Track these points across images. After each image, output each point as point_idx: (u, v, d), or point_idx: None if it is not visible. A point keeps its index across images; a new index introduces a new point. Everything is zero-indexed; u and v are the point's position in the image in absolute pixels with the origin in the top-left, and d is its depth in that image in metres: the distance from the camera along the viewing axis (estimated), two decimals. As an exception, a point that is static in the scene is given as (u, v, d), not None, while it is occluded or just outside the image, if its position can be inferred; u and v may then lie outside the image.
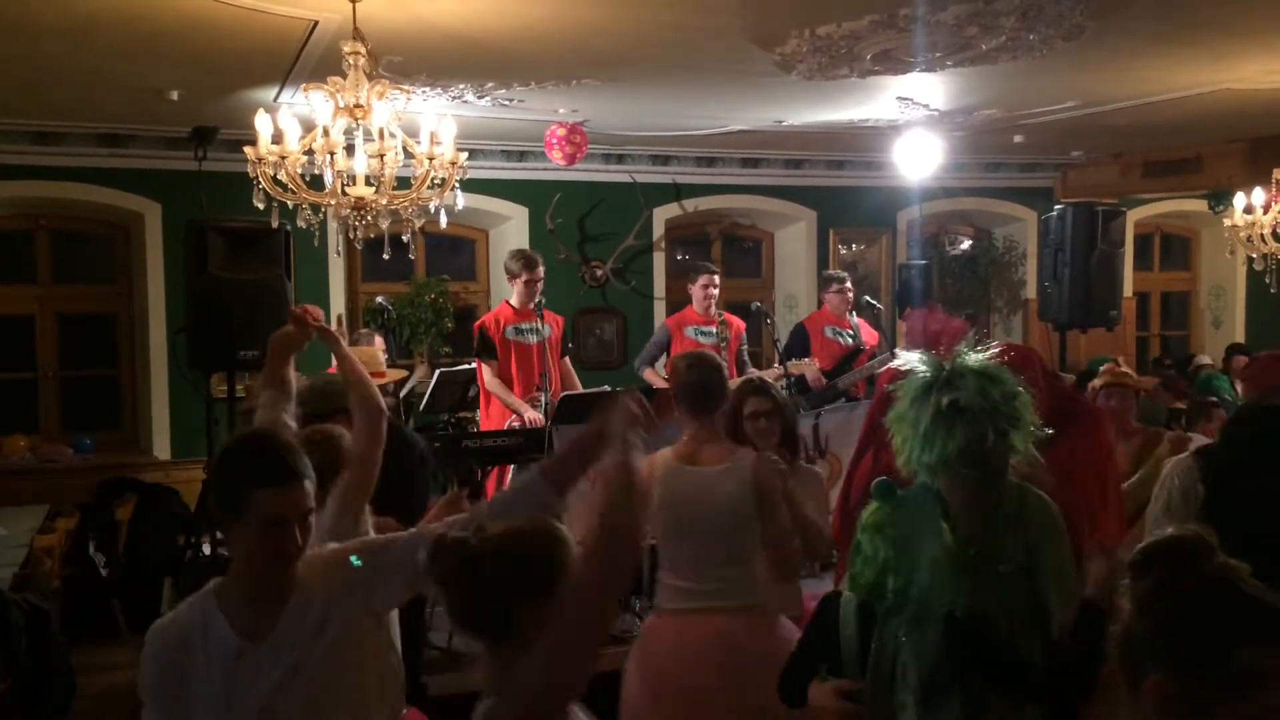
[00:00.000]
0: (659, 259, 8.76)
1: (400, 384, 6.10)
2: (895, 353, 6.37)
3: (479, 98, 6.13)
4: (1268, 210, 7.11)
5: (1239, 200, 7.19)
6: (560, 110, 6.76)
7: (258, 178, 4.14)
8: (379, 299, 7.15)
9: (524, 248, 6.96)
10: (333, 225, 4.45)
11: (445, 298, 7.98)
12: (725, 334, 6.74)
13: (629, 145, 8.22)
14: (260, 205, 4.21)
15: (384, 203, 4.22)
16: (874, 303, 7.69)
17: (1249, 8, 4.75)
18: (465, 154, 4.37)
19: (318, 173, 4.14)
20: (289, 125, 4.10)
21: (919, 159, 7.60)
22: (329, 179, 4.12)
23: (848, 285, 7.21)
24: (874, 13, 4.65)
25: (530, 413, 6.02)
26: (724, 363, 3.58)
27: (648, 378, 6.77)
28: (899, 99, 6.50)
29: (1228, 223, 7.30)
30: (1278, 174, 7.12)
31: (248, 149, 4.16)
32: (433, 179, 4.27)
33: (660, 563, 3.43)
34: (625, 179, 8.47)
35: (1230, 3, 4.65)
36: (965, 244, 10.08)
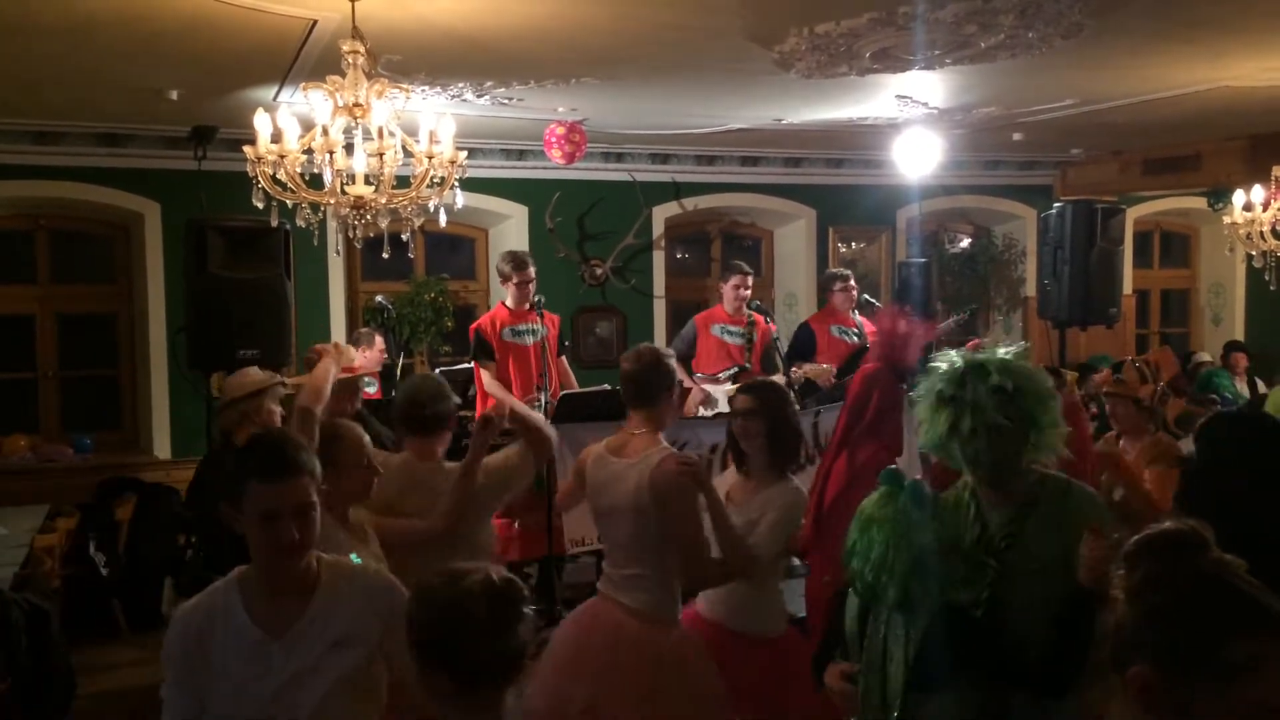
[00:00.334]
0: (658, 257, 8.76)
1: (397, 383, 6.10)
2: None
3: (478, 96, 6.13)
4: (1267, 207, 7.10)
5: (1238, 198, 7.17)
6: (559, 109, 6.76)
7: (257, 177, 4.14)
8: (378, 298, 7.16)
9: (515, 249, 6.94)
10: (332, 224, 4.45)
11: (445, 297, 7.98)
12: (752, 335, 6.73)
13: (628, 144, 8.22)
14: (260, 205, 4.21)
15: (383, 202, 4.22)
16: (874, 301, 7.69)
17: (1247, 6, 4.75)
18: (464, 153, 4.36)
19: (317, 172, 4.14)
20: (288, 124, 4.10)
21: (918, 157, 7.60)
22: (328, 178, 4.11)
23: (852, 283, 7.20)
24: (873, 10, 4.65)
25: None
26: (668, 355, 3.47)
27: None
28: (898, 97, 6.50)
29: (1227, 220, 7.29)
30: (1277, 171, 7.10)
31: (247, 148, 4.15)
32: (432, 178, 4.26)
33: None
34: (624, 178, 8.47)
35: (1228, 1, 4.65)
36: (965, 242, 10.08)
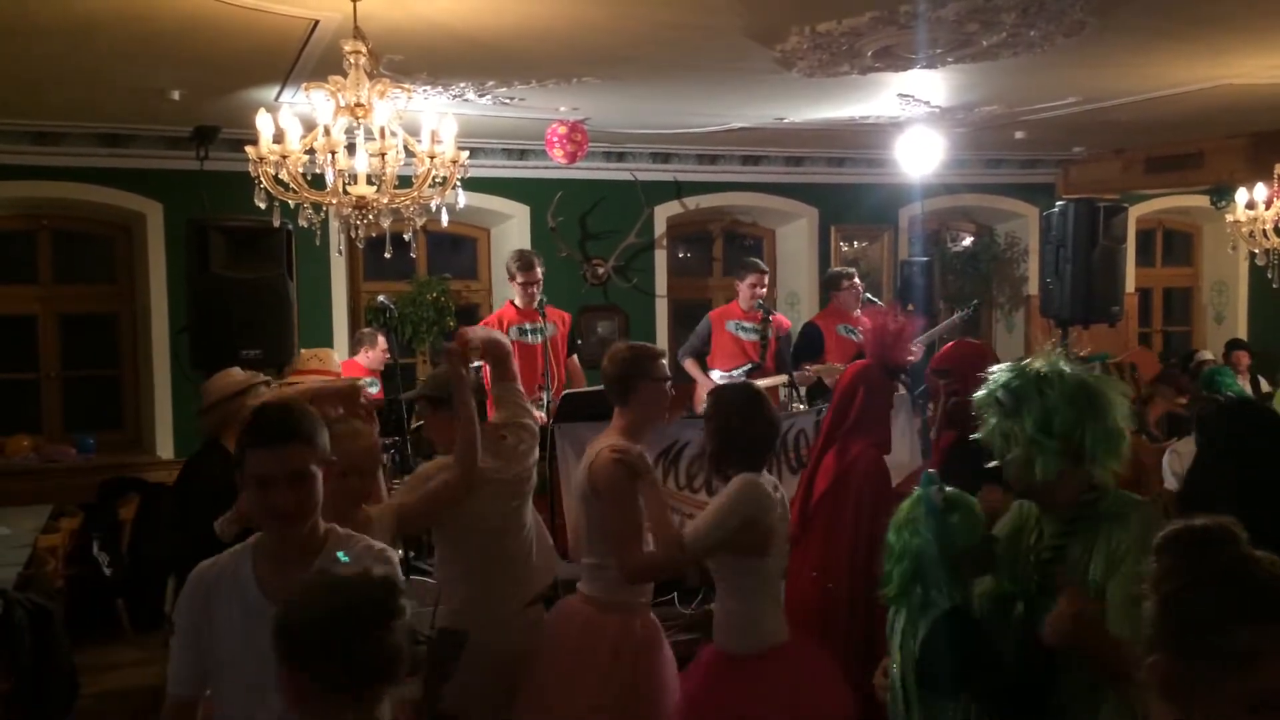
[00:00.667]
0: (660, 257, 8.75)
1: (400, 383, 6.10)
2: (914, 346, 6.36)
3: (480, 96, 6.13)
4: (1270, 205, 7.10)
5: (1241, 195, 7.17)
6: (561, 108, 6.76)
7: (259, 177, 4.14)
8: (381, 298, 7.15)
9: (523, 249, 6.95)
10: (334, 224, 4.45)
11: (447, 296, 7.98)
12: (767, 331, 6.72)
13: (630, 143, 8.22)
14: (262, 205, 4.21)
15: (385, 201, 4.22)
16: (876, 300, 7.69)
17: (1250, 3, 4.74)
18: (466, 152, 4.36)
19: (319, 172, 4.14)
20: (290, 124, 4.10)
21: (920, 156, 7.59)
22: (330, 178, 4.12)
23: (857, 281, 7.20)
24: (874, 9, 4.64)
25: (531, 413, 6.03)
26: (646, 353, 3.49)
27: (688, 369, 6.76)
28: (900, 96, 6.49)
29: (1230, 218, 7.29)
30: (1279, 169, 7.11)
31: (249, 148, 4.16)
32: (434, 177, 4.26)
33: None
34: (626, 177, 8.47)
35: (1231, -2, 4.65)
36: (967, 240, 10.08)
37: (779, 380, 6.52)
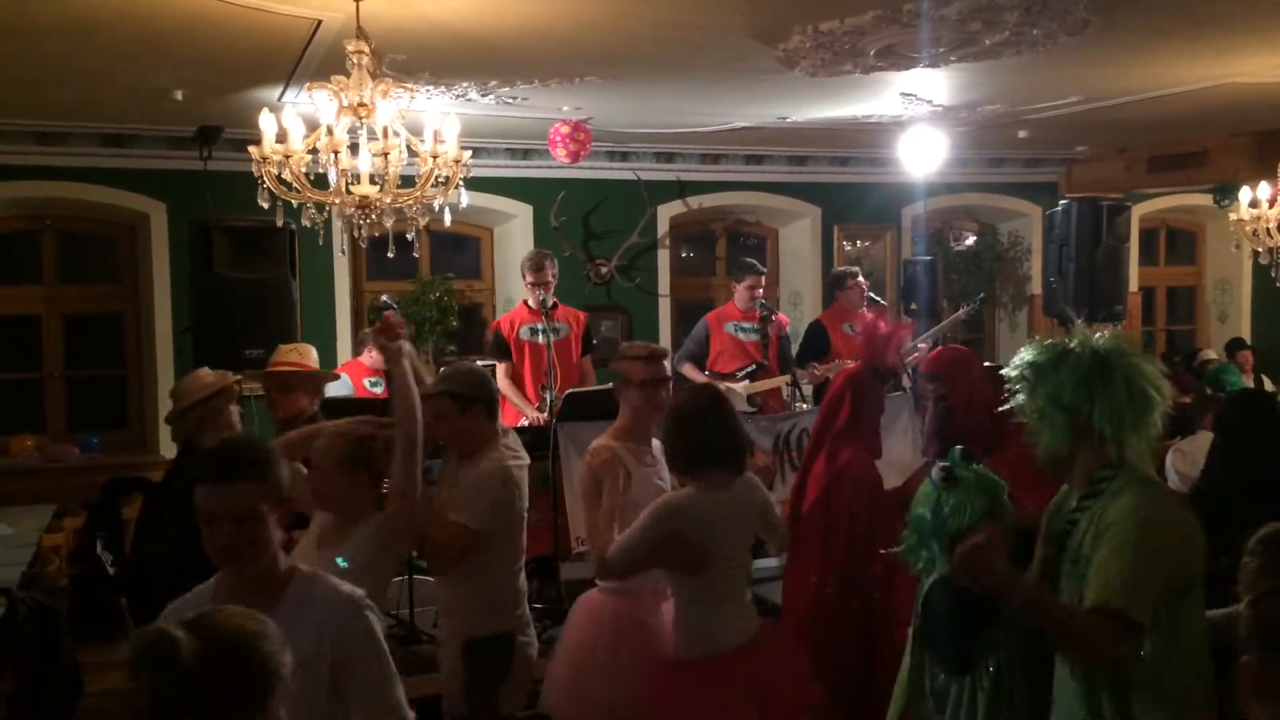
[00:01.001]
0: (664, 256, 8.75)
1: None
2: (919, 344, 6.36)
3: (482, 96, 6.13)
4: (1273, 204, 7.08)
5: (1244, 194, 7.16)
6: (564, 108, 6.76)
7: (262, 177, 4.15)
8: (384, 297, 7.15)
9: (538, 250, 6.93)
10: (337, 224, 4.46)
11: (450, 296, 7.98)
12: (767, 330, 6.71)
13: (633, 143, 8.21)
14: (265, 204, 4.21)
15: (388, 201, 4.22)
16: (877, 299, 7.68)
17: (1253, 2, 4.74)
18: (469, 152, 4.37)
19: (322, 171, 4.15)
20: (293, 124, 4.11)
21: (923, 155, 7.59)
22: (333, 178, 4.12)
23: (861, 279, 7.19)
24: (877, 8, 4.64)
25: (531, 413, 6.08)
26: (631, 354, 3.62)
27: (687, 373, 6.74)
28: (903, 95, 6.49)
29: (1233, 217, 7.27)
30: (1283, 168, 7.09)
31: (252, 148, 4.17)
32: (437, 177, 4.27)
33: None
34: (629, 176, 8.47)
35: (1234, -4, 4.65)
36: (970, 239, 10.07)
37: (782, 380, 6.52)
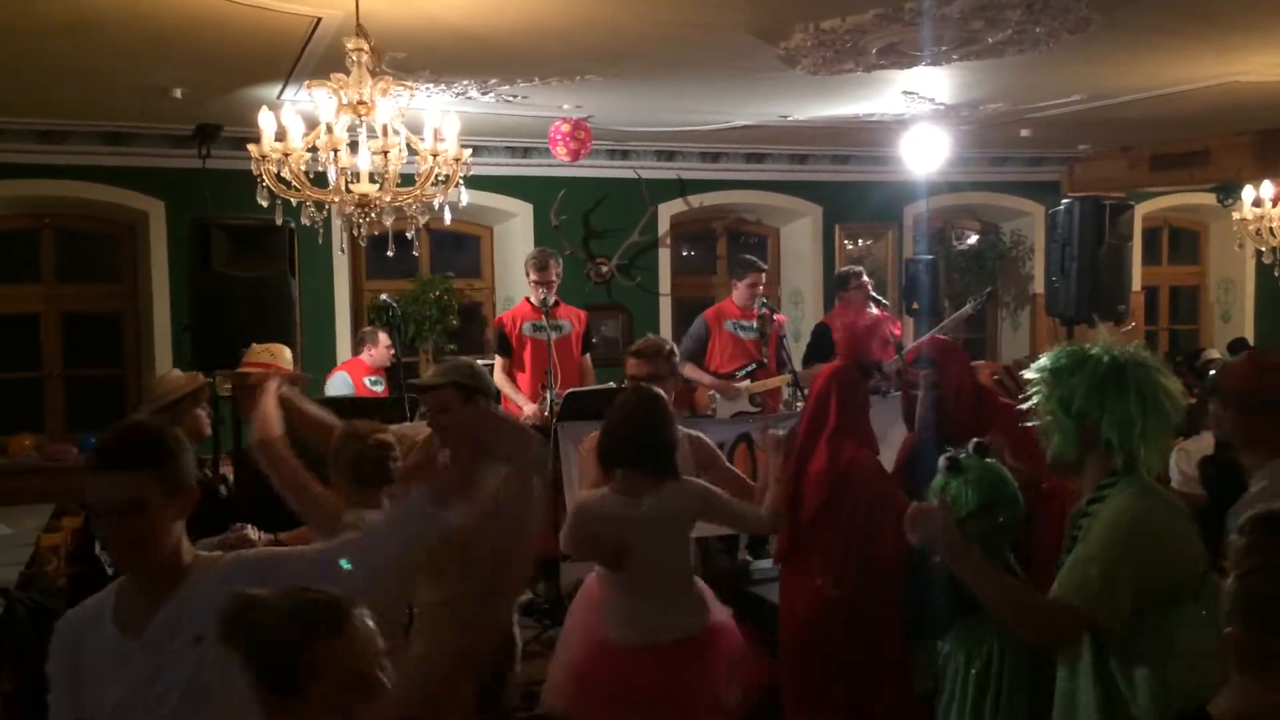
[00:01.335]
0: (664, 255, 8.74)
1: (401, 380, 6.09)
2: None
3: (483, 94, 6.12)
4: (1277, 203, 7.08)
5: (1248, 193, 7.15)
6: (564, 106, 6.75)
7: (262, 175, 4.14)
8: (383, 296, 7.12)
9: (543, 248, 6.91)
10: (337, 222, 4.45)
11: (450, 294, 7.98)
12: (765, 328, 6.69)
13: (633, 141, 8.20)
14: (264, 203, 4.20)
15: (388, 200, 4.21)
16: (881, 299, 7.65)
17: (1256, 1, 4.72)
18: (469, 150, 4.35)
19: (321, 170, 4.13)
20: (293, 122, 4.09)
21: (925, 153, 7.57)
22: (333, 176, 4.11)
23: (865, 279, 7.17)
24: (879, 6, 4.63)
25: (528, 408, 6.10)
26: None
27: (688, 374, 6.72)
28: (904, 93, 6.47)
29: (1236, 216, 7.27)
30: (1286, 167, 7.09)
31: (251, 146, 4.15)
32: (437, 176, 4.25)
33: None
34: (630, 175, 8.45)
35: (1238, -6, 4.63)
36: (972, 239, 10.05)
37: (783, 380, 6.50)
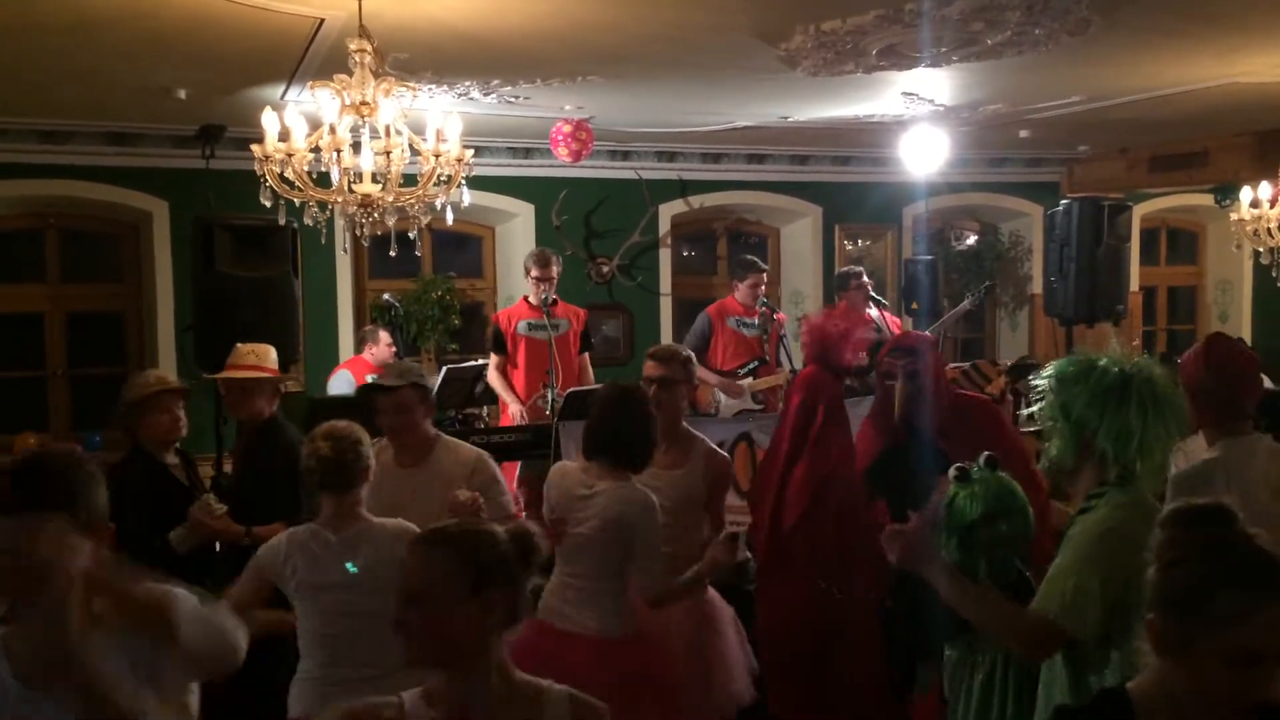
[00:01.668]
0: (665, 255, 8.76)
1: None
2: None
3: (485, 95, 6.14)
4: (1275, 204, 7.09)
5: (1246, 194, 7.16)
6: (566, 107, 6.77)
7: (265, 175, 4.16)
8: (386, 296, 7.18)
9: (543, 248, 6.93)
10: (339, 223, 4.47)
11: (452, 294, 8.00)
12: (767, 326, 6.72)
13: (634, 142, 8.22)
14: (267, 203, 4.23)
15: (390, 200, 4.23)
16: (881, 299, 7.68)
17: (1255, 1, 4.74)
18: (471, 151, 4.37)
19: (324, 170, 4.16)
20: (296, 123, 4.12)
21: (925, 154, 7.59)
22: (336, 176, 4.13)
23: (865, 279, 7.19)
24: (879, 8, 4.65)
25: (516, 407, 6.14)
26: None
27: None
28: (904, 94, 6.49)
29: (1234, 217, 7.28)
30: (1285, 168, 7.10)
31: (255, 147, 4.18)
32: (439, 176, 4.27)
33: None
34: (631, 175, 8.47)
35: (1236, -4, 4.65)
36: (971, 239, 10.07)
37: (785, 377, 6.52)
